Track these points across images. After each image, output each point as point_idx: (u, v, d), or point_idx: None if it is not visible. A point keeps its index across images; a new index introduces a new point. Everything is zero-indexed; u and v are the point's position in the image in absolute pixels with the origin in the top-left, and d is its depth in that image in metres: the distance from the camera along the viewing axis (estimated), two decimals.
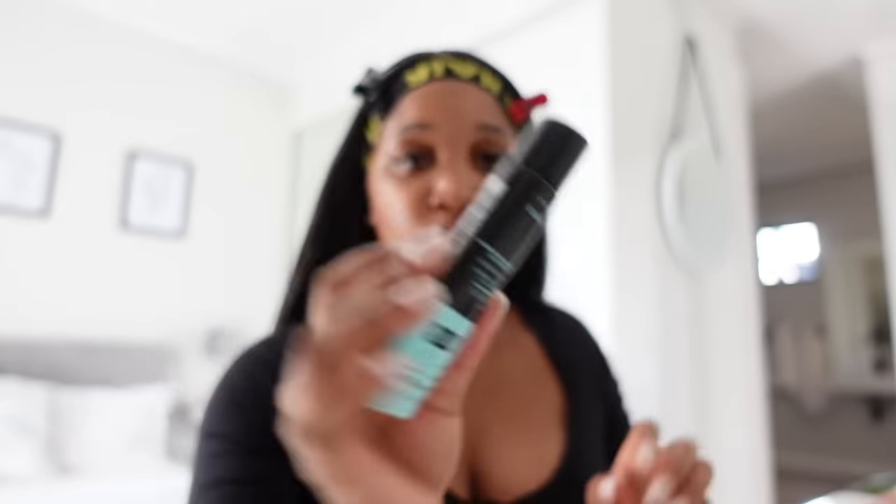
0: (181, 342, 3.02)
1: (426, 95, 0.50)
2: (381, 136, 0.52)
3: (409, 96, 0.51)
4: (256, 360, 0.50)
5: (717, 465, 1.75)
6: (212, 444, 0.47)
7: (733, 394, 2.38)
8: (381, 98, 0.53)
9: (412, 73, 0.52)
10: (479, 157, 0.50)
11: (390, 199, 0.49)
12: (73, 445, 2.29)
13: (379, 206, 0.51)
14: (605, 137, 1.94)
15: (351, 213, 0.56)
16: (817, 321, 5.30)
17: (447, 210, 0.47)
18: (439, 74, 0.51)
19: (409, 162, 0.49)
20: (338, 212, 0.56)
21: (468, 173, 0.48)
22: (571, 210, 2.01)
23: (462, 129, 0.49)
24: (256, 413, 0.47)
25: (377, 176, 0.52)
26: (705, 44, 2.48)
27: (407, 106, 0.50)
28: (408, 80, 0.52)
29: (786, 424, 5.24)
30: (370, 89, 0.53)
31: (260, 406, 0.47)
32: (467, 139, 0.49)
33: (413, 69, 0.53)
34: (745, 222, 2.65)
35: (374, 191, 0.53)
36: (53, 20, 2.78)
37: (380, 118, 0.53)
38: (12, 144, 2.62)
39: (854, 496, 0.76)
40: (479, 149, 0.49)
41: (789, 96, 3.55)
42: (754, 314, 2.62)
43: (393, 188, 0.49)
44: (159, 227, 2.99)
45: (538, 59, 2.21)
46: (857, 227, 5.09)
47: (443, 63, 0.52)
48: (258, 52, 3.34)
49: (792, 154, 4.80)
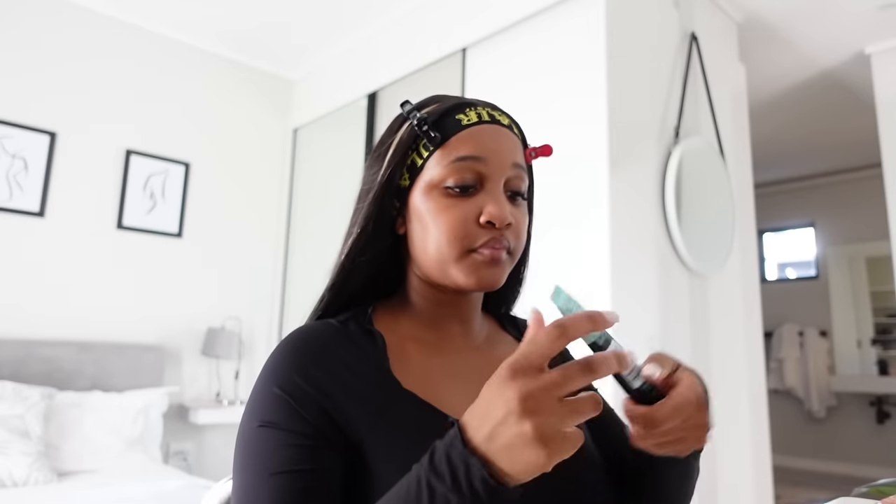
0: (178, 343, 3.01)
1: (479, 134, 0.63)
2: (429, 162, 0.63)
3: (465, 132, 0.62)
4: (306, 351, 0.58)
5: (719, 467, 1.74)
6: (269, 433, 0.53)
7: (735, 395, 2.35)
8: (436, 130, 0.62)
9: (463, 115, 0.64)
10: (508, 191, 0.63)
11: (443, 216, 0.60)
12: (70, 448, 2.28)
13: (425, 220, 0.62)
14: (605, 135, 1.92)
15: (389, 223, 0.66)
16: (820, 322, 5.27)
17: (492, 229, 0.60)
18: (486, 119, 0.64)
19: (461, 183, 0.61)
20: (379, 220, 0.65)
21: (506, 202, 0.62)
22: (572, 210, 1.99)
23: (504, 164, 0.62)
24: (310, 404, 0.54)
25: (421, 194, 0.62)
26: (707, 41, 2.46)
27: (463, 139, 0.62)
28: (459, 119, 0.63)
29: (788, 427, 5.20)
30: (426, 122, 0.62)
31: (313, 397, 0.54)
32: (505, 173, 0.62)
33: (463, 112, 0.64)
34: (747, 221, 2.63)
35: (418, 206, 0.63)
36: (50, 18, 2.77)
37: (430, 146, 0.63)
38: (8, 143, 2.61)
39: (858, 500, 0.73)
40: (510, 183, 0.63)
41: (791, 95, 3.52)
42: (756, 315, 2.59)
43: (446, 207, 0.61)
44: (156, 226, 2.98)
45: (539, 57, 2.19)
46: (861, 226, 5.06)
47: (486, 110, 0.65)
48: (255, 51, 3.33)
49: (793, 154, 4.77)
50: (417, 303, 0.67)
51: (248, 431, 0.54)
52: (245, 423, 0.55)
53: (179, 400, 2.95)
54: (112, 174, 2.89)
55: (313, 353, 0.57)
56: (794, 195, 5.51)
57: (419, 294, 0.67)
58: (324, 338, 0.60)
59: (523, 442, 0.39)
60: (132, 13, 2.97)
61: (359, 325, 0.63)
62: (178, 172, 3.07)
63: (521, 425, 0.39)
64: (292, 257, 3.38)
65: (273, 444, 0.52)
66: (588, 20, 2.04)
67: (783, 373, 5.20)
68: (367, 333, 0.62)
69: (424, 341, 0.65)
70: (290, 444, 0.52)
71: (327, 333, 0.60)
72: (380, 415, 0.55)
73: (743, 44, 2.86)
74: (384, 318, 0.66)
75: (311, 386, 0.55)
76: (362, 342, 0.61)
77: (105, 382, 2.63)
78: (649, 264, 2.03)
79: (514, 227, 0.62)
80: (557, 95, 2.10)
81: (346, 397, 0.55)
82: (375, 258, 0.65)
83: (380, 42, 2.97)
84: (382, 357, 0.60)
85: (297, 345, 0.58)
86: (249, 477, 0.52)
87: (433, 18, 2.67)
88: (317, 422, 0.53)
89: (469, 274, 0.60)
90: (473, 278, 0.60)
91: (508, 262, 0.63)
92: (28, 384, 2.37)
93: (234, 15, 2.96)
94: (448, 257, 0.60)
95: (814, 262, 5.41)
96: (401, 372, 0.60)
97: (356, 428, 0.54)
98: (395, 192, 0.65)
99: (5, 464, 2.00)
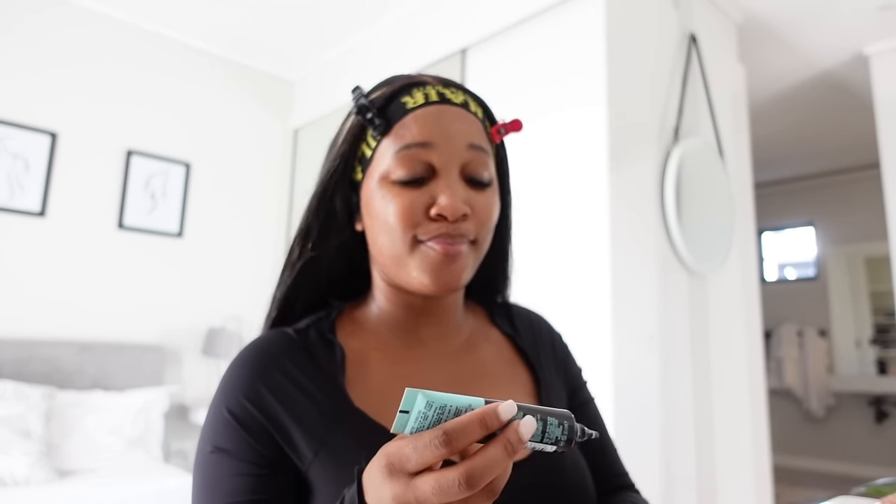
0: (179, 343, 3.01)
1: (425, 117, 0.57)
2: (378, 152, 0.58)
3: (409, 117, 0.57)
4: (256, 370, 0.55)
5: (718, 467, 1.74)
6: (221, 459, 0.52)
7: (735, 395, 2.36)
8: (379, 117, 0.58)
9: (409, 97, 0.58)
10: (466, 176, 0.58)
11: (391, 206, 0.56)
12: (71, 447, 2.28)
13: (376, 213, 0.57)
14: (605, 136, 1.92)
15: (341, 219, 0.62)
16: (820, 322, 5.27)
17: (443, 221, 0.55)
18: (434, 99, 0.58)
19: (410, 175, 0.56)
20: (330, 217, 0.62)
21: (462, 190, 0.56)
22: (572, 209, 1.99)
23: (457, 148, 0.56)
24: (259, 432, 0.53)
25: (373, 186, 0.58)
26: (706, 41, 2.47)
27: (407, 126, 0.57)
28: (405, 102, 0.58)
29: (787, 426, 5.21)
30: (368, 109, 0.58)
31: (261, 424, 0.53)
32: (460, 157, 0.57)
33: (409, 93, 0.58)
34: (747, 221, 2.63)
35: (370, 200, 0.58)
36: (51, 19, 2.78)
37: (377, 135, 0.58)
38: (9, 144, 2.61)
39: (857, 499, 0.74)
40: (468, 167, 0.57)
41: (790, 95, 3.53)
42: (756, 314, 2.60)
43: (393, 197, 0.56)
44: (157, 226, 2.98)
45: (538, 58, 2.20)
46: (860, 226, 5.07)
47: (435, 89, 0.59)
48: (255, 52, 3.33)
49: (793, 154, 4.77)
50: (384, 305, 0.63)
51: (203, 456, 0.54)
52: (200, 445, 0.55)
53: (180, 399, 2.95)
54: (113, 174, 2.89)
55: (263, 370, 0.55)
56: (793, 195, 5.51)
57: (385, 296, 0.62)
58: (276, 351, 0.57)
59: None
60: (133, 14, 2.97)
61: (319, 333, 0.59)
62: (179, 173, 3.07)
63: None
64: None
65: (224, 472, 0.52)
66: (587, 21, 2.04)
67: (782, 372, 5.21)
68: (327, 343, 0.59)
69: (390, 349, 0.61)
70: (240, 473, 0.51)
71: (281, 346, 0.57)
72: (325, 439, 0.53)
73: (742, 44, 2.86)
74: (348, 324, 0.62)
75: (259, 409, 0.53)
76: (319, 353, 0.57)
77: (106, 382, 2.63)
78: (649, 264, 2.03)
79: (475, 214, 0.57)
80: (557, 96, 2.10)
81: (294, 422, 0.53)
82: (330, 258, 0.62)
83: (380, 43, 2.98)
84: (338, 371, 0.57)
85: (248, 361, 0.56)
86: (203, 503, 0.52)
87: (433, 19, 2.67)
88: (266, 451, 0.52)
89: (423, 272, 0.55)
90: (429, 279, 0.55)
91: (472, 254, 0.58)
92: (29, 384, 2.37)
93: (235, 16, 2.96)
94: (400, 250, 0.56)
95: (813, 262, 5.41)
96: (357, 386, 0.56)
97: (303, 456, 0.53)
98: (351, 185, 0.61)
99: (6, 463, 2.00)
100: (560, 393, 0.68)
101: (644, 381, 1.92)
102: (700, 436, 2.11)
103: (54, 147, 2.72)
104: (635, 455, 1.79)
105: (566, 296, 1.95)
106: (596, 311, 1.85)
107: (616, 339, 1.83)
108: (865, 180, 4.88)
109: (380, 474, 0.37)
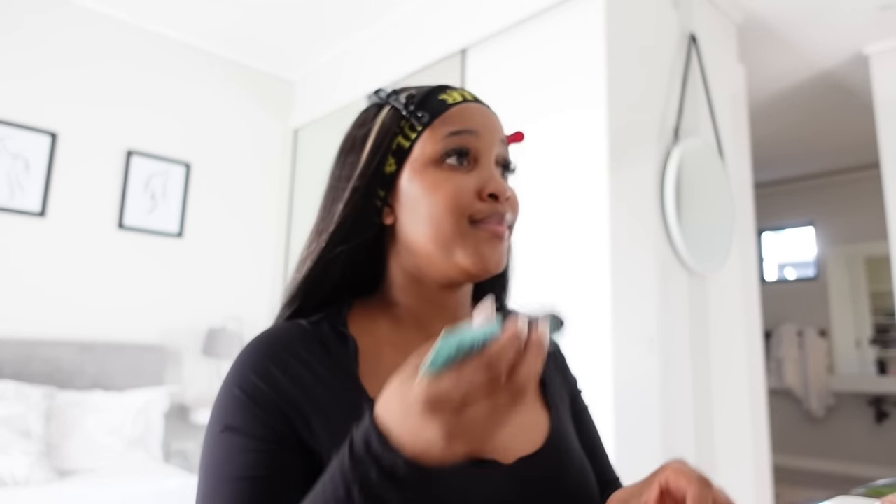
0: (179, 343, 3.01)
1: (469, 110, 0.62)
2: (419, 142, 0.61)
3: (452, 110, 0.61)
4: (268, 353, 0.55)
5: (718, 467, 1.74)
6: (231, 437, 0.52)
7: (734, 394, 2.36)
8: (422, 110, 0.61)
9: (446, 95, 0.63)
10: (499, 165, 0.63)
11: (441, 190, 0.58)
12: (71, 447, 2.28)
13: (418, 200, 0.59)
14: (605, 136, 1.92)
15: (373, 213, 0.62)
16: (820, 322, 5.27)
17: (493, 202, 0.58)
18: (469, 98, 0.64)
19: (460, 157, 0.59)
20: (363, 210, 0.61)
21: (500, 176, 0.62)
22: (572, 209, 1.99)
23: (494, 139, 0.62)
24: (270, 407, 0.52)
25: (414, 175, 0.60)
26: (706, 42, 2.47)
27: (451, 116, 0.60)
28: (444, 99, 0.62)
29: (787, 426, 5.21)
30: (411, 101, 0.61)
31: (273, 400, 0.53)
32: (497, 149, 0.62)
33: (445, 92, 0.63)
34: (747, 221, 2.63)
35: (408, 188, 0.60)
36: (51, 19, 2.78)
37: (417, 127, 0.61)
38: (9, 144, 2.61)
39: (857, 499, 0.74)
40: (501, 156, 0.63)
41: (790, 95, 3.53)
42: (756, 314, 2.60)
43: (442, 181, 0.58)
44: (157, 226, 2.98)
45: (538, 58, 2.20)
46: (860, 226, 5.07)
47: (466, 92, 0.65)
48: (255, 52, 3.33)
49: (793, 153, 4.77)
50: (400, 301, 0.63)
51: (212, 437, 0.53)
52: (209, 427, 0.54)
53: (180, 399, 2.95)
54: (113, 174, 2.89)
55: (275, 354, 0.55)
56: (793, 195, 5.51)
57: (403, 290, 0.63)
58: (289, 339, 0.57)
59: (452, 456, 0.39)
60: (134, 14, 2.97)
61: (332, 326, 0.59)
62: (179, 173, 3.07)
63: (452, 448, 0.39)
64: (293, 257, 3.39)
65: (234, 449, 0.51)
66: (587, 21, 2.04)
67: (782, 372, 5.21)
68: (340, 336, 0.59)
69: (403, 344, 0.61)
70: (250, 449, 0.51)
71: (294, 335, 0.57)
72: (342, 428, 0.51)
73: (742, 44, 2.86)
74: (360, 319, 0.62)
75: (271, 387, 0.53)
76: (333, 345, 0.58)
77: (106, 382, 2.63)
78: (649, 264, 2.03)
79: (511, 199, 0.61)
80: (557, 96, 2.10)
81: (309, 405, 0.53)
82: (354, 252, 0.62)
83: (380, 43, 2.98)
84: (352, 362, 0.57)
85: (260, 346, 0.56)
86: (210, 482, 0.51)
87: (433, 19, 2.67)
88: (276, 425, 0.52)
89: (473, 253, 0.57)
90: (478, 259, 0.57)
91: (508, 240, 0.62)
92: (29, 384, 2.37)
93: (235, 16, 2.96)
94: (450, 233, 0.57)
95: (813, 262, 5.41)
96: (370, 378, 0.57)
97: (318, 440, 0.52)
98: (381, 179, 0.62)
99: (7, 463, 2.00)
100: (563, 395, 0.71)
101: (644, 381, 1.92)
102: (700, 436, 2.11)
103: (54, 147, 2.72)
104: (635, 455, 1.79)
105: (566, 296, 1.95)
106: (596, 311, 1.85)
107: (616, 339, 1.83)
108: (865, 180, 4.88)
109: (421, 415, 0.38)
